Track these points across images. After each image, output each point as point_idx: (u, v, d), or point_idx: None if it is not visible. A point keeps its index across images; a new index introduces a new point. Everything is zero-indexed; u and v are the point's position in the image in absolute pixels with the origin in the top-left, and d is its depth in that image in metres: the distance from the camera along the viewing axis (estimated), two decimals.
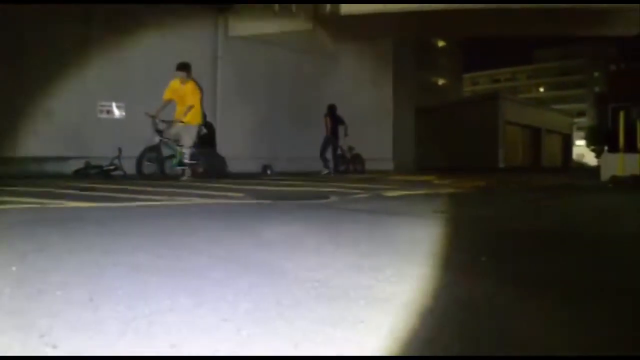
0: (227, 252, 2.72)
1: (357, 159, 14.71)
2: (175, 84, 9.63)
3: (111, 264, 2.30)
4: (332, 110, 14.15)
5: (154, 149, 9.43)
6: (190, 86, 9.58)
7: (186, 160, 9.59)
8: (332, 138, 14.01)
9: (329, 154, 14.05)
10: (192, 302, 1.72)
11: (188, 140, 9.55)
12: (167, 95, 9.71)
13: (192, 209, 5.03)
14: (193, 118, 9.57)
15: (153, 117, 9.42)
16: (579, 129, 64.37)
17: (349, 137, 14.20)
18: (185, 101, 9.49)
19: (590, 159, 50.63)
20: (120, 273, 2.12)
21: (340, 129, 14.07)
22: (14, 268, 2.17)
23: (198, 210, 4.96)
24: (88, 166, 11.20)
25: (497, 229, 3.99)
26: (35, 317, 1.53)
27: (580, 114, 75.60)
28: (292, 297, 1.83)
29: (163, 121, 9.60)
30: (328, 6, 15.44)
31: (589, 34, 24.16)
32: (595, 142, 38.90)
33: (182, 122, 9.47)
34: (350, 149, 14.47)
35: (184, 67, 9.56)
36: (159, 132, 9.44)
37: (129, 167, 10.01)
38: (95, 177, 10.23)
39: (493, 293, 1.98)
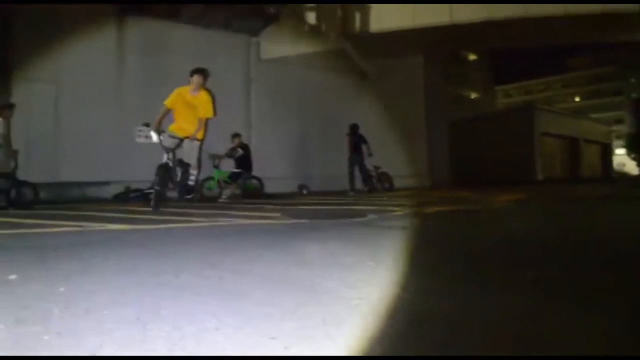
0: (268, 272, 2.72)
1: (384, 176, 14.60)
2: (184, 91, 8.01)
3: (155, 284, 2.32)
4: (353, 129, 14.14)
5: (166, 169, 7.72)
6: (205, 96, 8.03)
7: (192, 183, 8.11)
8: (354, 156, 13.98)
9: (356, 172, 13.99)
10: (238, 320, 1.72)
11: (197, 159, 8.08)
12: (171, 102, 7.99)
13: (230, 229, 5.06)
14: (203, 133, 8.10)
15: (159, 131, 7.67)
16: (618, 137, 62.54)
17: (373, 156, 14.03)
18: (198, 112, 7.88)
19: (631, 167, 49.10)
20: (165, 293, 2.13)
21: (364, 148, 13.99)
22: (62, 289, 2.20)
23: (237, 230, 4.99)
24: (128, 190, 11.46)
25: (537, 244, 3.88)
26: (84, 336, 1.54)
27: (618, 121, 73.50)
28: (338, 314, 1.80)
29: (172, 136, 7.85)
30: (357, 24, 15.58)
31: (621, 40, 23.65)
32: (636, 149, 37.70)
33: (198, 139, 7.93)
34: (376, 168, 14.38)
35: (201, 72, 8.07)
36: (168, 149, 7.71)
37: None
38: (135, 201, 10.43)
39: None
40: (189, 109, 7.91)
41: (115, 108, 12.47)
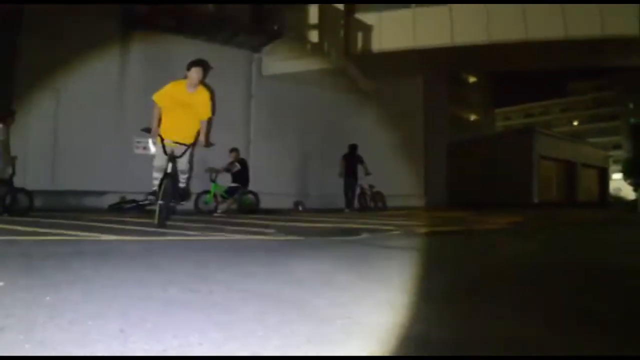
0: (258, 288, 2.71)
1: (378, 195, 14.63)
2: (179, 87, 6.69)
3: (143, 297, 2.31)
4: (352, 149, 14.28)
5: (173, 181, 6.64)
6: (205, 94, 6.76)
7: (184, 185, 7.10)
8: (350, 176, 14.14)
9: (349, 194, 14.19)
10: (222, 336, 1.71)
11: (190, 166, 7.17)
12: (161, 100, 6.62)
13: (224, 244, 5.05)
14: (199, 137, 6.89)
15: (161, 138, 6.60)
16: (615, 162, 62.73)
17: (370, 175, 14.15)
18: (197, 113, 6.71)
19: (628, 192, 49.15)
20: (152, 306, 2.12)
21: (360, 169, 14.12)
22: (47, 298, 2.19)
23: (230, 245, 4.98)
24: (123, 201, 11.45)
25: (535, 267, 3.88)
26: (66, 346, 1.53)
27: (616, 146, 73.80)
28: (322, 334, 1.79)
29: (178, 142, 6.69)
30: (359, 44, 15.72)
31: (620, 65, 23.96)
32: (632, 175, 37.81)
33: (208, 144, 7.07)
34: (371, 187, 14.44)
35: (200, 65, 6.74)
36: (172, 157, 6.59)
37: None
38: (130, 212, 10.41)
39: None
40: (184, 108, 6.58)
41: (116, 120, 12.53)
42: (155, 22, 13.06)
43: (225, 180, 12.06)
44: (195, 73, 6.61)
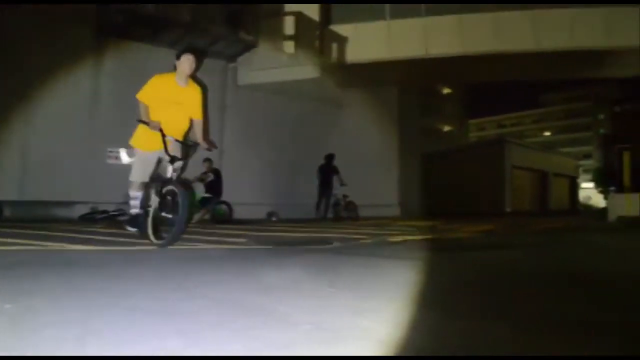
0: (224, 295, 2.70)
1: (351, 205, 14.68)
2: (168, 80, 5.56)
3: (106, 305, 2.28)
4: (328, 160, 14.37)
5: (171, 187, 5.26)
6: (197, 91, 5.70)
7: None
8: (325, 186, 14.26)
9: (322, 204, 14.31)
10: (183, 343, 1.70)
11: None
12: (148, 99, 5.47)
13: (194, 254, 5.01)
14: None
15: (162, 133, 5.30)
16: (586, 171, 64.20)
17: (345, 186, 14.24)
18: (189, 112, 5.65)
19: (598, 200, 50.25)
20: (115, 314, 2.10)
21: (336, 179, 14.19)
22: (8, 306, 2.16)
23: (201, 255, 4.95)
24: (94, 211, 11.29)
25: (499, 271, 3.94)
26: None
27: (587, 156, 75.58)
28: (286, 338, 1.80)
29: (185, 142, 5.67)
30: (334, 55, 15.84)
31: (589, 76, 24.63)
32: (602, 183, 38.81)
33: (211, 144, 6.16)
34: (344, 196, 14.52)
35: (194, 53, 5.63)
36: (174, 158, 5.36)
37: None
38: (101, 222, 10.27)
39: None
40: (171, 105, 5.47)
41: (88, 129, 12.36)
42: (130, 31, 12.97)
43: (199, 191, 11.98)
44: (186, 63, 5.50)
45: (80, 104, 12.40)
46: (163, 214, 5.21)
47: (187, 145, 5.65)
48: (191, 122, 5.78)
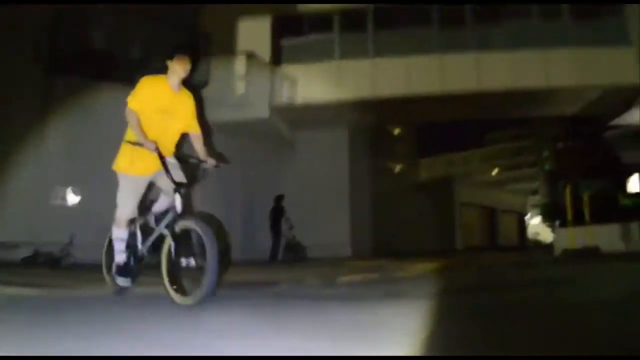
0: (158, 343, 2.59)
1: (298, 247, 14.58)
2: (159, 84, 4.48)
3: None
4: (277, 201, 14.49)
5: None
6: (190, 98, 4.67)
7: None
8: (274, 227, 14.36)
9: (272, 246, 14.34)
10: None
11: None
12: (140, 106, 4.36)
13: (124, 299, 4.82)
14: None
15: (160, 155, 4.28)
16: (533, 206, 66.34)
17: (294, 228, 14.25)
18: (185, 122, 4.63)
19: (546, 235, 51.77)
20: None
21: (284, 221, 14.23)
22: None
23: (142, 301, 4.76)
24: (37, 254, 10.81)
25: (445, 306, 3.95)
26: None
27: (534, 192, 78.20)
28: None
29: (189, 160, 4.72)
30: (284, 96, 15.99)
31: (531, 115, 25.86)
32: (549, 218, 40.17)
33: (219, 160, 4.99)
34: (292, 237, 14.45)
35: (188, 52, 4.48)
36: (179, 185, 4.32)
37: (83, 255, 9.65)
38: (44, 265, 9.82)
39: None
40: (161, 115, 4.42)
41: (34, 167, 11.96)
42: (79, 68, 12.76)
43: None
44: (180, 64, 4.39)
45: (27, 142, 12.01)
46: (181, 259, 4.20)
47: (192, 166, 4.63)
48: (184, 136, 4.76)
